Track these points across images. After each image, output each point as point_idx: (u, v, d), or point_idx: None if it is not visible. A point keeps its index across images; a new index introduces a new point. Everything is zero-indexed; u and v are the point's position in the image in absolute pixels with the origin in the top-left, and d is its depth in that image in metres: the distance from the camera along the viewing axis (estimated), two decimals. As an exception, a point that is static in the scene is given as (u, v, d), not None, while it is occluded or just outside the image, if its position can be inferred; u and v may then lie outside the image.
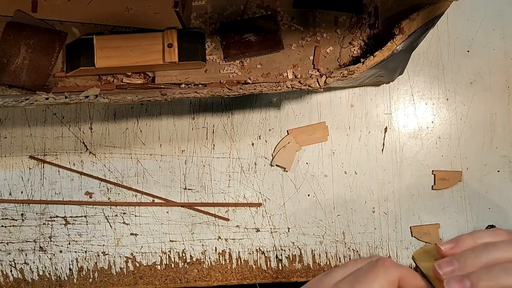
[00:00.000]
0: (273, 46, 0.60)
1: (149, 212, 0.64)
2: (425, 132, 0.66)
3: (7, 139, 0.64)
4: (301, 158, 0.65)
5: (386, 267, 0.32)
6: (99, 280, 0.64)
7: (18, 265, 0.64)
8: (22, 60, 0.58)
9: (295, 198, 0.65)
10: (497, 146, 0.66)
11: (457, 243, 0.35)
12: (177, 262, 0.64)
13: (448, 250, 0.34)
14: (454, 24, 0.66)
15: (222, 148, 0.65)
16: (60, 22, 0.59)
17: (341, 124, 0.65)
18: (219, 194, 0.65)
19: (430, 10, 0.50)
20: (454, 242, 0.35)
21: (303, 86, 0.50)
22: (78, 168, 0.64)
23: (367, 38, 0.60)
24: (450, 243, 0.35)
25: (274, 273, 0.65)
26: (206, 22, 0.60)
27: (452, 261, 0.33)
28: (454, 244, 0.35)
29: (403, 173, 0.65)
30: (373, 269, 0.32)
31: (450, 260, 0.33)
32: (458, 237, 0.35)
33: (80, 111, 0.65)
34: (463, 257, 0.33)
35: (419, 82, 0.66)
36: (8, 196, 0.64)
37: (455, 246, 0.34)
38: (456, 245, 0.34)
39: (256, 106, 0.65)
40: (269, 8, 0.60)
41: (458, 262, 0.33)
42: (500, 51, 0.66)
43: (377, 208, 0.65)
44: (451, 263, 0.33)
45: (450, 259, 0.33)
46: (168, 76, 0.60)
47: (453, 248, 0.34)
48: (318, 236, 0.65)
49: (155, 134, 0.65)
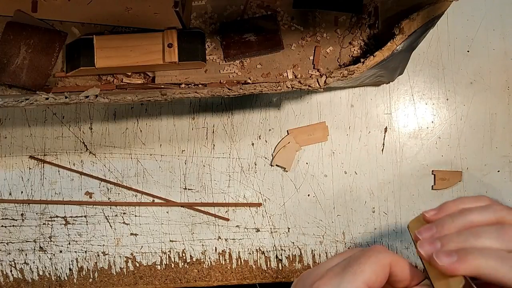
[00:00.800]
0: (273, 46, 0.60)
1: (149, 212, 0.64)
2: (425, 132, 0.66)
3: (7, 139, 0.64)
4: (301, 158, 0.65)
5: (378, 251, 0.33)
6: (99, 280, 0.64)
7: (18, 265, 0.64)
8: (22, 60, 0.58)
9: (295, 198, 0.65)
10: (497, 146, 0.66)
11: (440, 209, 0.36)
12: (177, 262, 0.64)
13: (432, 216, 0.36)
14: (454, 24, 0.66)
15: (222, 148, 0.65)
16: (60, 22, 0.59)
17: (341, 124, 0.65)
18: (219, 194, 0.65)
19: (430, 10, 0.50)
20: (438, 208, 0.36)
21: (303, 86, 0.50)
22: (78, 168, 0.64)
23: (367, 38, 0.60)
24: (434, 210, 0.36)
25: (274, 273, 0.65)
26: (206, 22, 0.60)
27: (431, 227, 0.35)
28: (437, 210, 0.36)
29: (403, 173, 0.65)
30: (364, 253, 0.33)
31: (429, 226, 0.35)
32: (443, 203, 0.37)
33: (80, 111, 0.65)
34: (441, 223, 0.34)
35: (419, 82, 0.66)
36: (8, 196, 0.64)
37: (438, 212, 0.36)
38: (439, 211, 0.36)
39: (256, 106, 0.65)
40: (269, 8, 0.60)
41: (436, 227, 0.34)
42: (500, 51, 0.66)
43: (377, 208, 0.65)
44: (430, 228, 0.34)
45: (430, 225, 0.35)
46: (168, 76, 0.60)
47: (436, 214, 0.36)
48: (318, 236, 0.65)
49: (155, 134, 0.65)
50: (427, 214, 0.36)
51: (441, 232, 0.34)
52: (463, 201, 0.36)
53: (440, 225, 0.34)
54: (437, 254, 0.32)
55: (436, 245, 0.33)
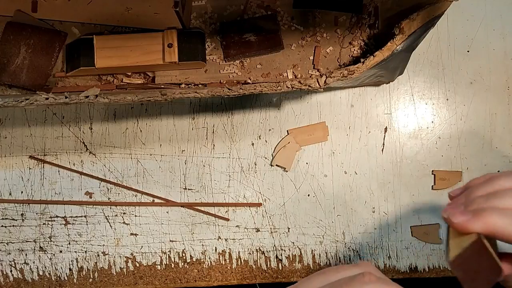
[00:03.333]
0: (273, 46, 0.60)
1: (149, 212, 0.64)
2: (425, 132, 0.66)
3: (7, 139, 0.64)
4: (301, 158, 0.65)
5: (364, 282, 0.31)
6: (99, 280, 0.64)
7: (18, 265, 0.64)
8: (22, 60, 0.58)
9: (295, 198, 0.65)
10: (497, 146, 0.66)
11: (466, 184, 0.38)
12: (177, 262, 0.64)
13: (457, 192, 0.38)
14: (454, 24, 0.66)
15: (222, 148, 0.65)
16: (60, 22, 0.59)
17: (341, 124, 0.65)
18: (219, 194, 0.65)
19: (430, 10, 0.50)
20: (465, 185, 0.38)
21: (303, 86, 0.50)
22: (78, 168, 0.64)
23: (367, 38, 0.60)
24: (460, 188, 0.38)
25: (274, 273, 0.65)
26: (206, 22, 0.60)
27: (460, 195, 0.37)
28: (463, 187, 0.38)
29: (403, 173, 0.65)
30: (349, 284, 0.31)
31: (458, 194, 0.37)
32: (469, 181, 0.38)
33: (80, 111, 0.65)
34: (469, 191, 0.36)
35: (419, 82, 0.66)
36: (8, 196, 0.64)
37: (464, 187, 0.38)
38: (466, 186, 0.38)
39: (256, 106, 0.65)
40: (269, 8, 0.60)
41: (464, 196, 0.36)
42: (500, 51, 0.66)
43: (377, 208, 0.65)
44: (458, 197, 0.36)
45: (459, 194, 0.37)
46: (168, 76, 0.60)
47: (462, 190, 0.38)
48: (318, 236, 0.65)
49: (155, 134, 0.65)
50: (452, 193, 0.38)
51: (469, 197, 0.35)
52: (489, 175, 0.37)
53: (467, 193, 0.35)
54: (453, 213, 0.32)
55: (459, 208, 0.33)
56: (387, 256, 0.65)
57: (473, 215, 0.31)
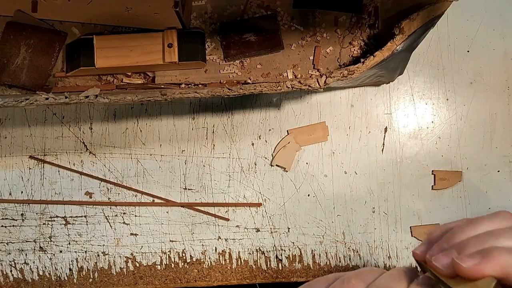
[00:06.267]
0: (273, 46, 0.60)
1: (149, 212, 0.64)
2: (425, 132, 0.66)
3: (7, 139, 0.64)
4: (301, 158, 0.65)
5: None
6: (99, 280, 0.64)
7: (18, 265, 0.64)
8: (22, 60, 0.58)
9: (295, 198, 0.65)
10: (497, 146, 0.66)
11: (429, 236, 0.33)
12: (177, 262, 0.64)
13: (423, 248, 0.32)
14: (454, 24, 0.66)
15: (222, 148, 0.65)
16: (60, 22, 0.59)
17: (341, 124, 0.65)
18: (219, 194, 0.65)
19: (430, 10, 0.50)
20: (426, 239, 0.33)
21: (303, 86, 0.50)
22: (78, 168, 0.64)
23: (367, 38, 0.60)
24: (423, 244, 0.33)
25: (274, 273, 0.65)
26: (206, 22, 0.60)
27: (439, 243, 0.31)
28: (427, 241, 0.33)
29: (403, 173, 0.65)
30: None
31: (437, 243, 0.31)
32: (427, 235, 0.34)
33: (80, 111, 0.65)
34: (448, 236, 0.31)
35: (419, 82, 0.66)
36: (8, 196, 0.64)
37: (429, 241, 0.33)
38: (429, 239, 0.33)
39: (256, 106, 0.65)
40: (269, 8, 0.60)
41: (445, 241, 0.31)
42: (500, 51, 0.66)
43: (377, 208, 0.65)
44: (438, 244, 0.31)
45: (437, 243, 0.31)
46: (168, 76, 0.60)
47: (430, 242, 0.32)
48: (318, 236, 0.65)
49: (155, 134, 0.65)
50: (417, 250, 0.32)
51: (453, 242, 0.30)
52: (465, 219, 0.33)
53: (446, 238, 0.31)
54: (459, 258, 0.28)
55: (453, 253, 0.29)
56: (387, 256, 0.65)
57: (482, 257, 0.28)
